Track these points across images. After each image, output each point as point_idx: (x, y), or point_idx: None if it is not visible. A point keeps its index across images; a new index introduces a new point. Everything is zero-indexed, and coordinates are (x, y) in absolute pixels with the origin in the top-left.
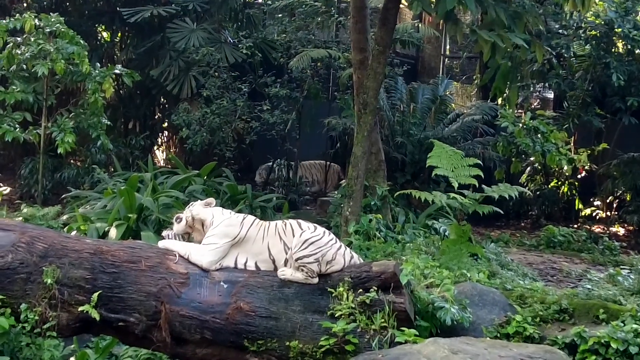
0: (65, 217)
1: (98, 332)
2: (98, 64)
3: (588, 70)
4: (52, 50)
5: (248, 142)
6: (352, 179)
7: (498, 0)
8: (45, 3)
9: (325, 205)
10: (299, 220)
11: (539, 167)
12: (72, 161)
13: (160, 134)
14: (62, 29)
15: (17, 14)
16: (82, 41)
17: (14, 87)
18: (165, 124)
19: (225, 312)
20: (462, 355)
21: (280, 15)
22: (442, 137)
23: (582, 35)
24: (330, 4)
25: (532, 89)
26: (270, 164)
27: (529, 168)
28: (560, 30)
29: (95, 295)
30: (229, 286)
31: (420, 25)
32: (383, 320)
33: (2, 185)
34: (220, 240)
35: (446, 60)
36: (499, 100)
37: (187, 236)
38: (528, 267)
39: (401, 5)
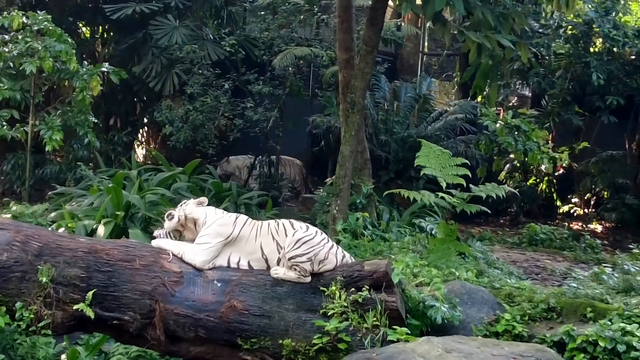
0: (53, 214)
1: (92, 330)
2: (85, 62)
3: (568, 69)
4: (40, 48)
5: (231, 139)
6: (339, 178)
7: (485, 2)
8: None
9: (307, 203)
10: (291, 220)
11: (518, 165)
12: (53, 158)
13: (141, 131)
14: (50, 27)
15: (5, 13)
16: (69, 39)
17: (1, 84)
18: (146, 121)
19: (219, 311)
20: (455, 354)
21: (262, 12)
22: (426, 135)
23: (562, 34)
24: (312, 2)
25: (512, 87)
26: (229, 157)
27: (507, 165)
28: (540, 30)
29: (90, 293)
30: (223, 285)
31: (402, 23)
32: (375, 318)
33: None
34: (214, 240)
35: (424, 57)
36: (479, 98)
37: (178, 234)
38: (512, 265)
39: None
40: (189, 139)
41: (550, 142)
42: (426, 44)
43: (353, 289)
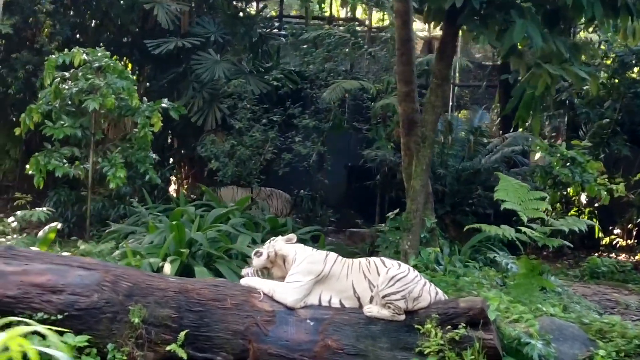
0: (116, 252)
1: None
2: (145, 98)
3: (617, 99)
4: (102, 85)
5: (280, 174)
6: (410, 212)
7: (555, 33)
8: (65, 36)
9: (354, 237)
10: (382, 258)
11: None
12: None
13: (179, 166)
14: (111, 64)
15: (65, 50)
16: (130, 75)
17: (61, 122)
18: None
19: (313, 350)
20: None
21: (305, 46)
22: (481, 168)
23: (611, 64)
24: (354, 34)
25: (558, 118)
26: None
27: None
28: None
29: (182, 334)
30: (315, 324)
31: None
32: (473, 357)
33: (45, 214)
34: (305, 278)
35: (456, 88)
36: (520, 130)
37: (266, 272)
38: (584, 300)
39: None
40: (235, 174)
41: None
42: (457, 75)
43: (449, 326)
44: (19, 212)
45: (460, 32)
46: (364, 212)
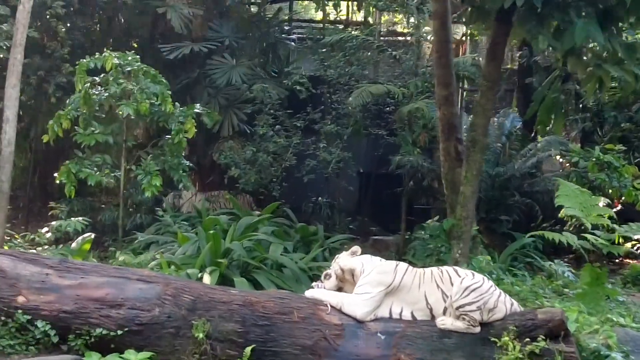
0: (152, 264)
1: None
2: (177, 104)
3: None
4: (135, 89)
5: (306, 181)
6: (461, 220)
7: (613, 34)
8: (78, 41)
9: (378, 245)
10: (455, 267)
11: None
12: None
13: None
14: (144, 67)
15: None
16: (163, 80)
17: (92, 128)
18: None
19: None
20: None
21: (324, 50)
22: (514, 173)
23: None
24: (376, 37)
25: (585, 122)
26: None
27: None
28: None
29: (248, 349)
30: (387, 337)
31: (481, 59)
32: None
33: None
34: (374, 289)
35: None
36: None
37: (338, 290)
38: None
39: None
40: (257, 181)
41: None
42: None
43: (527, 339)
44: (53, 223)
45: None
46: (379, 219)
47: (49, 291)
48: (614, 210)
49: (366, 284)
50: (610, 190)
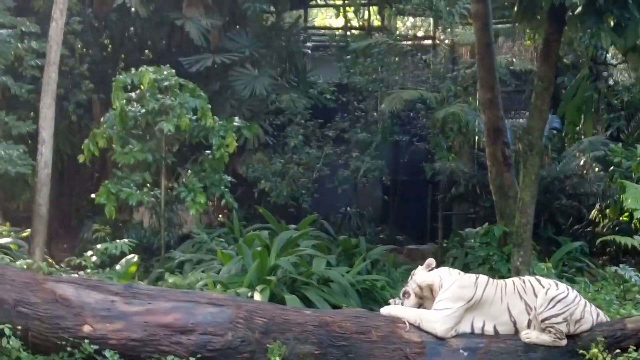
0: (199, 284)
1: None
2: (216, 118)
3: None
4: (175, 104)
5: (339, 192)
6: (520, 227)
7: None
8: (97, 57)
9: (413, 254)
10: (537, 277)
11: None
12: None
13: None
14: (181, 82)
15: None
16: (202, 93)
17: (131, 146)
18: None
19: None
20: None
21: (348, 57)
22: (558, 175)
23: None
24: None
25: (620, 121)
26: None
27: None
28: None
29: None
30: (470, 354)
31: (514, 59)
32: None
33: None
34: (454, 305)
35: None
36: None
37: (419, 306)
38: None
39: None
40: (289, 194)
41: None
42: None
43: (617, 350)
44: (99, 245)
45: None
46: (406, 228)
47: (116, 319)
48: None
49: (446, 299)
50: None
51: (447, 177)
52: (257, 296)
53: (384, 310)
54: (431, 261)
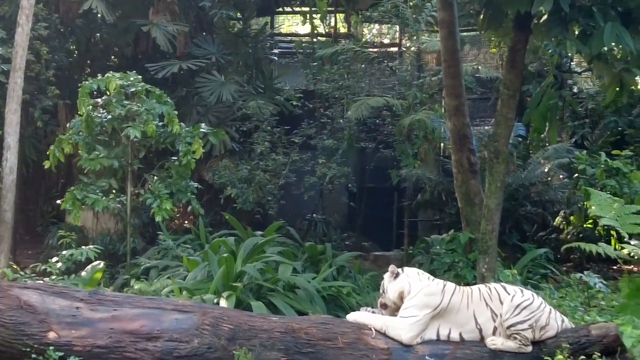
0: (165, 290)
1: None
2: (182, 124)
3: None
4: (142, 111)
5: (305, 198)
6: (486, 233)
7: (638, 37)
8: (63, 62)
9: (379, 261)
10: (503, 284)
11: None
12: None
13: None
14: (148, 88)
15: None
16: (169, 100)
17: (97, 152)
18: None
19: None
20: None
21: (314, 63)
22: (523, 183)
23: None
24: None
25: (584, 128)
26: None
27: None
28: None
29: None
30: None
31: (479, 67)
32: None
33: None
34: (421, 312)
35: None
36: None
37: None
38: None
39: None
40: (255, 200)
41: None
42: None
43: (582, 356)
44: (64, 252)
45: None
46: (371, 235)
47: (81, 325)
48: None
49: (412, 306)
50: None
51: (413, 183)
52: (223, 302)
53: (351, 317)
54: (393, 269)
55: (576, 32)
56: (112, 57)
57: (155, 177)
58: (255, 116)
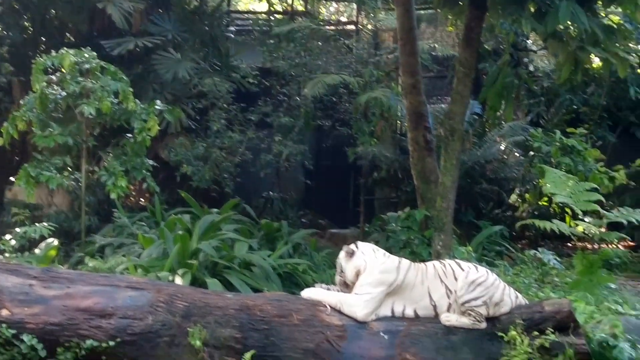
0: (120, 268)
1: None
2: (138, 101)
3: (601, 85)
4: (97, 87)
5: (262, 175)
6: (441, 211)
7: (592, 16)
8: (17, 39)
9: (335, 238)
10: (458, 261)
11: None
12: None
13: None
14: (102, 64)
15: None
16: (124, 77)
17: (51, 129)
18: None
19: None
20: None
21: (271, 41)
22: (479, 160)
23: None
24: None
25: (539, 107)
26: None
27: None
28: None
29: (248, 355)
30: (390, 337)
31: (436, 45)
32: None
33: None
34: (375, 289)
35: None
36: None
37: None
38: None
39: None
40: (212, 178)
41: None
42: None
43: (535, 332)
44: (18, 229)
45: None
46: (328, 212)
47: (34, 303)
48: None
49: (367, 284)
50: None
51: (370, 161)
52: (178, 280)
53: (305, 294)
54: (348, 249)
55: (532, 10)
56: (67, 34)
57: (111, 155)
58: (212, 94)
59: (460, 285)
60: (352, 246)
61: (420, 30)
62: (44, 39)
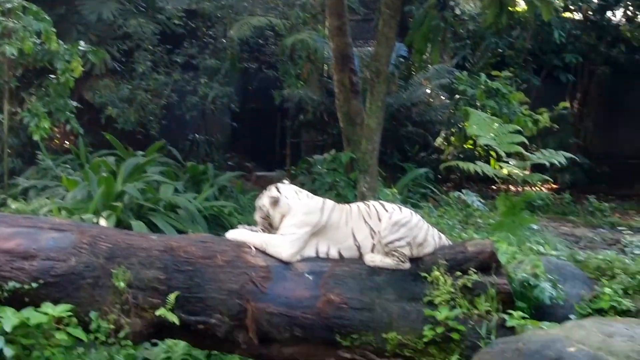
0: (44, 210)
1: (173, 337)
2: (61, 42)
3: (526, 28)
4: (18, 27)
5: (188, 117)
6: (367, 153)
7: None
8: None
9: (262, 181)
10: (382, 202)
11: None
12: None
13: None
14: (24, 4)
15: None
16: (47, 17)
17: None
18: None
19: (315, 306)
20: (619, 338)
21: None
22: (405, 103)
23: None
24: None
25: (465, 50)
26: None
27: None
28: None
29: (172, 296)
30: (315, 277)
31: None
32: (487, 303)
33: None
34: (300, 230)
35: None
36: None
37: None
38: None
39: None
40: (137, 120)
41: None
42: None
43: (458, 272)
44: None
45: None
46: (254, 155)
47: None
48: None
49: (292, 225)
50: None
51: (296, 104)
52: (102, 222)
53: (230, 235)
54: (272, 196)
55: None
56: None
57: (34, 96)
58: (137, 35)
59: (384, 226)
60: (275, 191)
61: None
62: None
